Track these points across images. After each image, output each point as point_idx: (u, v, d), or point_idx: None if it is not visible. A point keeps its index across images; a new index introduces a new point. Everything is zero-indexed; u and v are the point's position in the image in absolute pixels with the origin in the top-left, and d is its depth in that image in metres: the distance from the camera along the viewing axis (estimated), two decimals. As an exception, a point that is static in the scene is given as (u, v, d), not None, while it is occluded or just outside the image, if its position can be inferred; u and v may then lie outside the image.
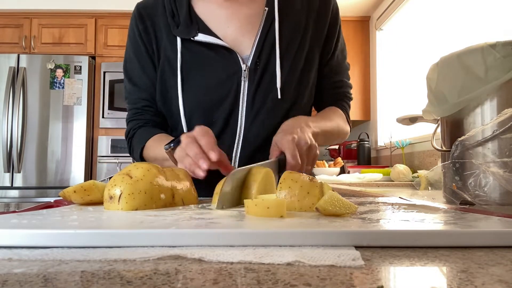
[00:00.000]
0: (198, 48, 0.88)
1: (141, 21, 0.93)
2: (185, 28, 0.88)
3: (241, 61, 0.87)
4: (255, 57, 0.88)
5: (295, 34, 0.91)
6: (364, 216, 0.44)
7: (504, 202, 0.65)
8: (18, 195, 3.19)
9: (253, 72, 0.87)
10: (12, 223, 0.38)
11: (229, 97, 0.87)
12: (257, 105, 0.87)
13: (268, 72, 0.88)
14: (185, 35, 0.88)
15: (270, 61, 0.88)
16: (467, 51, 0.69)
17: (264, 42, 0.88)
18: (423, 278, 0.26)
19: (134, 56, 0.95)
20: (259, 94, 0.87)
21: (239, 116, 0.87)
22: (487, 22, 2.00)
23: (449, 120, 0.76)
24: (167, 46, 0.90)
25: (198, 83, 0.88)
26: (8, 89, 3.21)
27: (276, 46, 0.88)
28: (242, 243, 0.33)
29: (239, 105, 0.87)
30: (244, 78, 0.87)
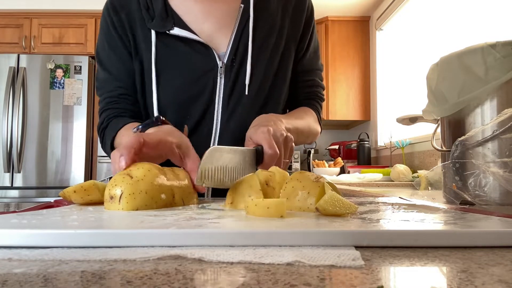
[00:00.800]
0: (174, 42, 0.86)
1: (115, 13, 0.90)
2: (160, 21, 0.86)
3: (217, 57, 0.87)
4: (231, 54, 0.87)
5: (270, 31, 0.91)
6: (364, 216, 0.44)
7: (504, 202, 0.65)
8: (18, 195, 3.20)
9: (229, 69, 0.87)
10: (12, 223, 0.38)
11: (204, 93, 0.86)
12: (233, 102, 0.87)
13: (244, 69, 0.88)
14: (159, 28, 0.86)
15: (246, 58, 0.88)
16: (467, 51, 0.69)
17: (240, 39, 0.88)
18: (423, 278, 0.26)
19: (108, 47, 0.92)
20: (235, 91, 0.87)
21: (215, 113, 0.87)
22: (487, 22, 2.00)
23: (449, 120, 0.76)
24: (142, 39, 0.88)
25: (173, 78, 0.87)
26: (8, 89, 3.21)
27: (249, 44, 0.88)
28: (242, 243, 0.33)
29: (215, 102, 0.87)
30: (220, 75, 0.87)
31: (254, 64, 0.88)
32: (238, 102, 0.87)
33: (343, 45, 3.60)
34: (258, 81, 0.88)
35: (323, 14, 3.56)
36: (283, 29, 0.93)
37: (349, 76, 3.59)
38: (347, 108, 3.57)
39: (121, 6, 0.91)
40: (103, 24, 0.93)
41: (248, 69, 0.87)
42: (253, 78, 0.88)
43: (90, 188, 0.57)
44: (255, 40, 0.89)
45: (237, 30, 0.89)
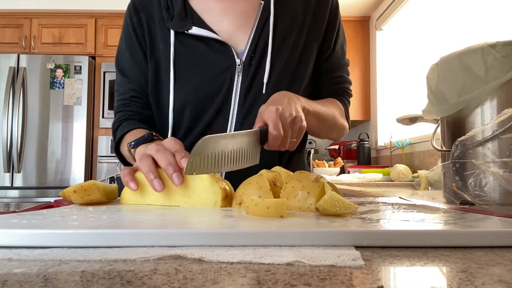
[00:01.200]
0: (192, 41, 0.86)
1: (136, 13, 0.92)
2: (179, 21, 0.87)
3: (236, 55, 0.86)
4: (250, 52, 0.86)
5: (291, 29, 0.89)
6: (364, 216, 0.44)
7: (504, 202, 0.65)
8: (18, 195, 3.20)
9: (247, 67, 0.86)
10: (12, 223, 0.38)
11: (221, 92, 0.86)
12: (249, 101, 0.86)
13: (262, 68, 0.87)
14: (178, 28, 0.86)
15: (265, 57, 0.87)
16: (467, 51, 0.69)
17: (260, 36, 0.87)
18: (423, 278, 0.26)
19: (126, 47, 0.94)
20: (252, 90, 0.86)
21: (231, 111, 0.86)
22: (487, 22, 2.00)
23: (449, 120, 0.76)
24: (160, 39, 0.89)
25: (191, 77, 0.87)
26: (8, 89, 3.21)
27: (269, 42, 0.87)
28: (242, 243, 0.33)
29: (231, 100, 0.86)
30: (238, 73, 0.86)
31: (273, 62, 0.86)
32: (255, 101, 0.86)
33: (343, 45, 3.59)
34: (276, 80, 0.87)
35: (323, 14, 3.56)
36: (305, 26, 0.91)
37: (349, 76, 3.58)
38: (347, 108, 3.57)
39: (142, 6, 0.92)
40: (124, 25, 0.95)
41: (267, 67, 0.86)
42: (271, 77, 0.86)
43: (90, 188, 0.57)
44: (275, 38, 0.87)
45: (256, 28, 0.87)
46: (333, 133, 0.96)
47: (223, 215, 0.47)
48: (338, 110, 0.94)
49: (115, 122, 0.92)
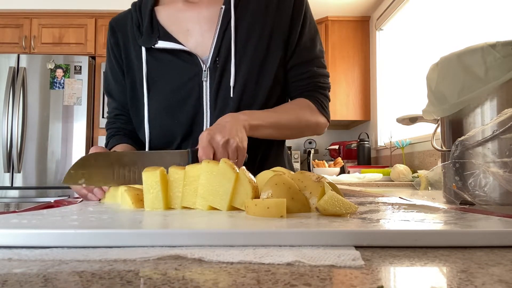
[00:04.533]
0: (161, 55, 0.91)
1: (113, 34, 0.98)
2: (147, 36, 0.91)
3: (201, 62, 0.89)
4: (214, 56, 0.88)
5: (253, 30, 0.89)
6: (364, 216, 0.44)
7: (504, 202, 0.65)
8: (18, 195, 3.19)
9: (213, 71, 0.88)
10: (12, 223, 0.38)
11: (191, 98, 0.88)
12: (219, 105, 0.88)
13: (227, 71, 0.88)
14: (146, 44, 0.91)
15: (229, 60, 0.88)
16: (467, 51, 0.69)
17: (222, 41, 0.89)
18: (423, 278, 0.26)
19: (108, 68, 1.01)
20: (221, 93, 0.88)
21: (204, 116, 0.89)
22: (487, 22, 2.00)
23: (449, 120, 0.76)
24: (134, 56, 0.93)
25: (162, 87, 0.90)
26: (8, 89, 3.21)
27: (231, 45, 0.88)
28: (242, 243, 0.33)
29: (203, 105, 0.89)
30: (205, 78, 0.88)
31: (237, 65, 0.88)
32: (225, 105, 0.88)
33: (343, 45, 3.59)
34: (243, 81, 0.88)
35: (323, 14, 3.56)
36: (266, 26, 0.90)
37: (349, 76, 3.59)
38: (347, 108, 3.57)
39: (118, 26, 0.98)
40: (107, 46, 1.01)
41: (232, 70, 0.87)
42: (238, 79, 0.88)
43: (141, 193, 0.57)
44: (237, 41, 0.88)
45: (218, 32, 0.89)
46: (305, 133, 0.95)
47: (223, 215, 0.47)
48: (306, 110, 0.92)
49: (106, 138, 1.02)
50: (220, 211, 0.51)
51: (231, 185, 0.51)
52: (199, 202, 0.53)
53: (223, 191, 0.51)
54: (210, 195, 0.52)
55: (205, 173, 0.53)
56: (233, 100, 0.88)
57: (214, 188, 0.52)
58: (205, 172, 0.53)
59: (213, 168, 0.53)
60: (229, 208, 0.51)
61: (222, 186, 0.52)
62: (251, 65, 0.89)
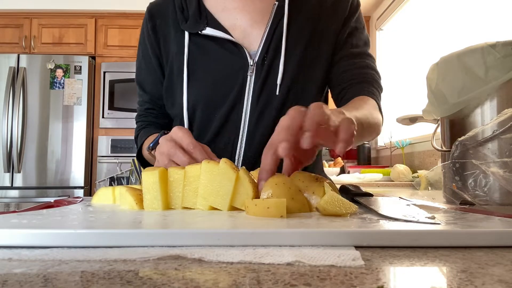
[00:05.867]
0: (206, 42, 0.87)
1: (151, 19, 0.93)
2: (194, 22, 0.87)
3: (248, 56, 0.86)
4: (263, 52, 0.86)
5: (304, 30, 0.88)
6: (364, 216, 0.44)
7: (504, 202, 0.65)
8: (18, 195, 3.19)
9: (260, 67, 0.86)
10: (12, 223, 0.38)
11: (233, 92, 0.85)
12: (262, 102, 0.85)
13: (275, 69, 0.86)
14: (192, 29, 0.87)
15: (278, 58, 0.86)
16: (467, 51, 0.69)
17: (272, 37, 0.86)
18: (423, 278, 0.26)
19: (141, 57, 0.96)
20: (265, 91, 0.85)
21: (243, 112, 0.85)
22: (487, 22, 2.00)
23: (449, 120, 0.76)
24: (174, 42, 0.89)
25: (204, 77, 0.87)
26: (8, 89, 3.21)
27: (282, 42, 0.86)
28: (242, 243, 0.33)
29: (244, 101, 0.86)
30: (250, 73, 0.85)
31: (286, 63, 0.86)
32: (268, 102, 0.85)
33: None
34: (290, 80, 0.86)
35: (323, 14, 3.56)
36: (320, 25, 0.89)
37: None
38: (347, 108, 3.56)
39: (157, 11, 0.94)
40: (140, 33, 0.98)
41: (280, 68, 0.85)
42: (285, 77, 0.85)
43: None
44: (288, 39, 0.86)
45: (269, 28, 0.87)
46: (373, 135, 0.86)
47: (224, 215, 0.47)
48: (376, 110, 0.85)
49: (136, 130, 0.99)
50: (220, 211, 0.50)
51: (231, 185, 0.51)
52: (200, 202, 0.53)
53: (224, 191, 0.51)
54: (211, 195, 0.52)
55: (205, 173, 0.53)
56: (278, 98, 0.85)
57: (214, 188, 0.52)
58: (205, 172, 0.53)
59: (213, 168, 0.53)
60: (230, 208, 0.51)
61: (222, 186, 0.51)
62: (300, 64, 0.87)
